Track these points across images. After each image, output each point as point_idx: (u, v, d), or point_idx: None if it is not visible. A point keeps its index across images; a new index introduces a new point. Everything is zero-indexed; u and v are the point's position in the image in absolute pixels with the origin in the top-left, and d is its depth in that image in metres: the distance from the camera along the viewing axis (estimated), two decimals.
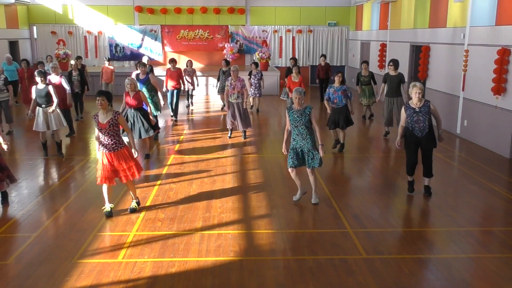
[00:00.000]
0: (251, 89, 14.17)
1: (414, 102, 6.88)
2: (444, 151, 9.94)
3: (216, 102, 16.37)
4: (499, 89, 9.37)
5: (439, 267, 5.02)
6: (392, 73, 10.61)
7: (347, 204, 6.84)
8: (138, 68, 10.54)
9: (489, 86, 9.69)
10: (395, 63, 10.61)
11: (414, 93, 6.84)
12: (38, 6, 20.15)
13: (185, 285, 4.66)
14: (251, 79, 14.16)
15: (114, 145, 6.13)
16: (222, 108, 14.91)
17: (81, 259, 5.15)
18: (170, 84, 12.93)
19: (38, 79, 8.99)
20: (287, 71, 14.03)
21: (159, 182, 7.81)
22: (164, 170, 8.46)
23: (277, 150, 9.69)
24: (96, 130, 6.16)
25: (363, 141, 11.20)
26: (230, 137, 10.90)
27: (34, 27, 20.49)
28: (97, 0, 20.14)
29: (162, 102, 10.31)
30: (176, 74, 12.98)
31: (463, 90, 11.04)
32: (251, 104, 14.56)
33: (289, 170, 6.73)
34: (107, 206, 6.33)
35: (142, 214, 6.43)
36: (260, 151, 9.91)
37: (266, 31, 20.97)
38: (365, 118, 13.51)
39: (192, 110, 15.13)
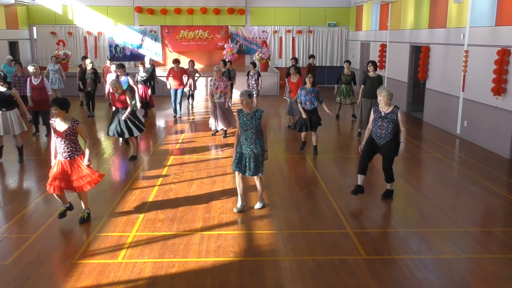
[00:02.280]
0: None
1: (382, 106, 6.71)
2: (444, 151, 9.95)
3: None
4: (499, 89, 9.38)
5: (439, 268, 5.02)
6: (371, 74, 10.61)
7: (347, 204, 6.83)
8: (117, 70, 10.78)
9: (489, 87, 9.70)
10: (374, 64, 10.65)
11: (379, 100, 6.71)
12: (38, 6, 20.15)
13: (185, 286, 4.66)
14: (249, 79, 14.25)
15: (70, 153, 5.94)
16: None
17: (81, 260, 5.15)
18: (173, 83, 13.17)
19: None
20: (288, 71, 14.04)
21: (159, 182, 7.81)
22: (164, 171, 8.46)
23: (277, 150, 9.69)
24: (53, 136, 5.97)
25: (357, 140, 11.18)
26: (225, 137, 10.98)
27: (34, 28, 20.49)
28: (97, 0, 20.14)
29: (138, 105, 10.39)
30: (180, 74, 13.23)
31: (463, 90, 11.04)
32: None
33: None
34: (64, 206, 6.18)
35: (142, 214, 6.43)
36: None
37: (266, 32, 20.98)
38: (339, 117, 13.47)
39: (192, 109, 15.18)
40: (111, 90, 8.94)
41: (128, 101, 8.87)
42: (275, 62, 21.04)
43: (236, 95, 16.89)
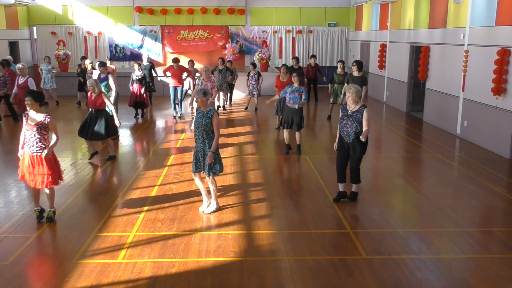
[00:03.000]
0: (249, 89, 14.40)
1: (349, 104, 6.59)
2: (444, 151, 9.95)
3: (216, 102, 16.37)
4: (499, 89, 9.37)
5: (439, 268, 5.02)
6: (355, 74, 10.60)
7: (347, 204, 6.83)
8: (98, 68, 10.77)
9: (489, 87, 9.69)
10: (358, 64, 10.67)
11: (346, 97, 6.57)
12: (38, 6, 20.15)
13: (185, 286, 4.66)
14: (249, 79, 14.29)
15: (38, 148, 5.92)
16: (217, 108, 14.98)
17: (81, 260, 5.15)
18: (172, 82, 13.17)
19: None
20: (291, 71, 14.07)
21: (159, 182, 7.81)
22: (164, 171, 8.46)
23: (277, 150, 9.69)
24: (23, 128, 5.97)
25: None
26: None
27: (34, 28, 20.48)
28: (97, 0, 20.13)
29: (112, 108, 10.23)
30: (179, 72, 13.22)
31: (463, 90, 11.04)
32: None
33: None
34: (36, 209, 6.18)
35: (142, 214, 6.43)
36: (260, 152, 9.90)
37: (266, 32, 20.97)
38: (331, 117, 13.36)
39: (192, 108, 15.17)
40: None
41: (107, 102, 8.78)
42: (275, 62, 21.02)
43: (236, 95, 16.94)
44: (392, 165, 9.09)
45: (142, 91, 13.05)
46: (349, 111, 6.56)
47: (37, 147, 5.94)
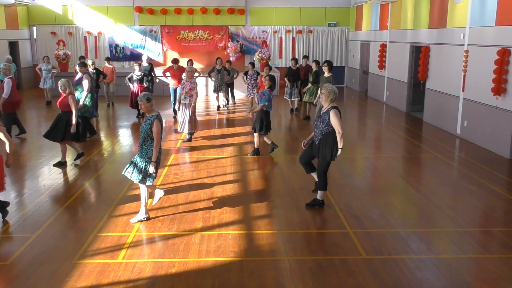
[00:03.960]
0: (248, 89, 14.40)
1: (322, 103, 6.42)
2: (444, 151, 9.95)
3: (216, 103, 16.37)
4: (499, 89, 9.38)
5: (439, 268, 5.02)
6: (326, 74, 10.69)
7: (347, 204, 6.83)
8: (79, 68, 10.70)
9: (489, 87, 9.70)
10: (329, 64, 10.77)
11: (322, 91, 6.37)
12: (38, 6, 20.16)
13: (185, 286, 4.66)
14: (248, 79, 14.29)
15: None
16: (218, 108, 15.01)
17: (81, 260, 5.15)
18: (172, 82, 13.20)
19: None
20: (288, 72, 14.11)
21: (159, 182, 7.80)
22: (164, 171, 8.46)
23: (276, 150, 9.68)
24: None
25: (357, 140, 11.20)
26: (188, 140, 10.60)
27: (34, 28, 20.49)
28: (97, 0, 20.14)
29: (81, 103, 10.04)
30: (179, 73, 13.23)
31: (463, 90, 11.04)
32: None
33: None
34: None
35: None
36: (259, 152, 9.89)
37: (266, 32, 20.97)
38: (309, 118, 13.28)
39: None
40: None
41: (71, 106, 8.44)
42: (275, 62, 21.03)
43: (236, 95, 16.93)
44: (392, 165, 9.08)
45: (142, 91, 13.06)
46: (321, 112, 6.41)
47: None
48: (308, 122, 12.90)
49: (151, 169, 5.96)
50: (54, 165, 8.63)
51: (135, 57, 20.28)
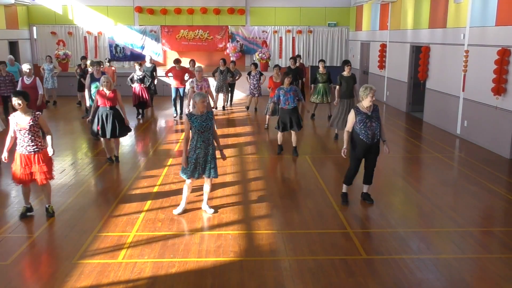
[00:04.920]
0: (250, 89, 14.44)
1: (365, 106, 6.36)
2: (444, 151, 9.95)
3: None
4: (499, 89, 9.37)
5: (439, 268, 5.02)
6: (346, 74, 10.52)
7: (347, 204, 6.83)
8: (92, 67, 10.75)
9: (489, 87, 9.69)
10: (349, 64, 10.58)
11: (369, 96, 6.27)
12: (38, 6, 20.15)
13: (185, 286, 4.66)
14: (250, 79, 14.32)
15: (34, 147, 6.00)
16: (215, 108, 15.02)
17: (81, 260, 5.15)
18: (175, 83, 13.22)
19: None
20: (287, 71, 14.08)
21: (159, 182, 7.80)
22: (164, 171, 8.46)
23: (277, 150, 9.68)
24: (11, 130, 6.01)
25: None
26: None
27: (34, 28, 20.49)
28: (97, 0, 20.14)
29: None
30: (181, 73, 13.26)
31: (463, 90, 11.04)
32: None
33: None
34: (25, 206, 6.30)
35: (142, 214, 6.43)
36: (260, 152, 9.90)
37: (266, 32, 20.97)
38: (314, 116, 13.45)
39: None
40: (100, 88, 8.60)
41: (120, 101, 8.69)
42: (275, 62, 21.01)
43: (236, 95, 16.93)
44: (392, 165, 9.09)
45: (144, 91, 13.10)
46: (368, 112, 6.38)
47: (33, 146, 6.00)
48: (310, 122, 12.89)
49: (224, 159, 6.39)
50: (108, 160, 8.84)
51: (135, 57, 20.29)
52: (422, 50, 13.13)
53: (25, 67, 10.68)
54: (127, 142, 10.95)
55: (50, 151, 6.13)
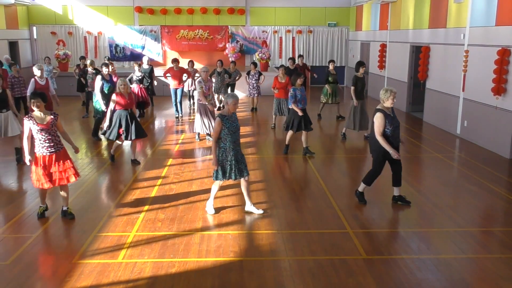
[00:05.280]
0: (249, 89, 14.44)
1: (387, 106, 6.37)
2: (444, 151, 9.95)
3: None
4: (499, 89, 9.37)
5: (439, 267, 5.02)
6: (360, 75, 10.52)
7: (347, 204, 6.83)
8: (102, 68, 10.68)
9: (489, 87, 9.70)
10: (363, 65, 10.56)
11: (391, 98, 6.29)
12: (38, 6, 20.15)
13: (185, 286, 4.66)
14: (249, 79, 14.32)
15: (55, 146, 6.01)
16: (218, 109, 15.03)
17: (81, 260, 5.15)
18: (173, 83, 13.23)
19: None
20: (287, 72, 14.08)
21: (159, 182, 7.81)
22: (164, 171, 8.46)
23: (277, 150, 9.69)
24: (27, 132, 5.95)
25: (357, 141, 11.19)
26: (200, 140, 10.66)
27: (34, 28, 20.49)
28: (97, 0, 20.14)
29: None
30: (179, 73, 13.27)
31: (463, 90, 11.04)
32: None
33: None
34: (41, 206, 6.33)
35: (142, 214, 6.43)
36: (260, 151, 9.90)
37: (266, 32, 20.98)
38: (320, 116, 13.54)
39: (194, 109, 15.19)
40: (117, 90, 8.65)
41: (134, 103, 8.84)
42: (275, 62, 21.04)
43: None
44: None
45: (143, 91, 13.09)
46: (391, 114, 6.41)
47: (53, 145, 6.01)
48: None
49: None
50: (132, 162, 8.86)
51: (135, 57, 20.30)
52: (422, 50, 13.13)
53: (38, 69, 10.59)
54: (127, 142, 10.93)
55: (75, 150, 6.33)
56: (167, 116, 14.07)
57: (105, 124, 8.84)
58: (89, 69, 13.39)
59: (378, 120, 6.33)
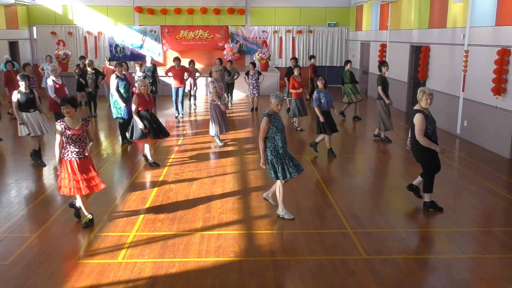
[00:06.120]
0: (249, 89, 14.43)
1: (424, 107, 6.28)
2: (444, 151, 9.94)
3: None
4: (499, 89, 9.37)
5: (439, 267, 5.02)
6: (385, 75, 10.49)
7: (347, 204, 6.83)
8: (116, 68, 10.66)
9: (489, 87, 9.69)
10: (387, 64, 10.49)
11: (427, 99, 6.20)
12: (38, 6, 20.16)
13: (185, 286, 4.66)
14: (249, 79, 14.32)
15: (84, 152, 5.90)
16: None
17: (81, 260, 5.15)
18: (174, 82, 13.23)
19: (21, 83, 8.41)
20: (288, 71, 14.09)
21: (159, 182, 7.80)
22: (164, 171, 8.46)
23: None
24: (59, 137, 5.82)
25: (357, 140, 11.19)
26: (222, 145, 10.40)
27: (34, 28, 20.50)
28: (97, 0, 20.14)
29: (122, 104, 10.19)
30: (181, 72, 13.26)
31: (463, 90, 11.04)
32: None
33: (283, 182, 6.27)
34: (88, 215, 6.06)
35: (142, 214, 6.43)
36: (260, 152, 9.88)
37: (266, 32, 20.98)
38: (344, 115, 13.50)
39: (195, 109, 15.21)
40: (138, 91, 8.57)
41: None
42: (275, 62, 21.04)
43: (236, 95, 16.94)
44: (392, 165, 9.08)
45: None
46: (429, 114, 6.34)
47: (83, 151, 5.90)
48: (310, 123, 12.88)
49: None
50: (151, 164, 8.69)
51: (135, 57, 20.31)
52: (422, 50, 13.13)
53: (52, 69, 10.26)
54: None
55: (91, 153, 6.20)
56: (168, 116, 14.06)
57: (140, 125, 8.49)
58: (88, 69, 13.40)
59: (419, 121, 6.20)
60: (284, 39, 21.15)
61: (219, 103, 9.83)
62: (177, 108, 13.58)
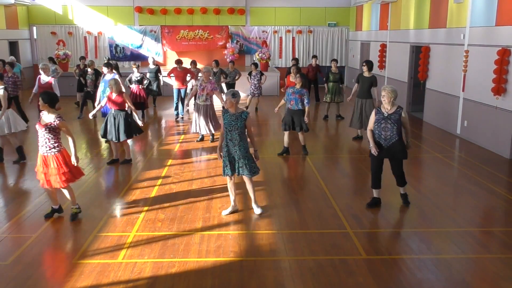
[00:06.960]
0: (251, 89, 14.44)
1: (385, 107, 6.36)
2: (444, 151, 9.95)
3: (217, 103, 16.35)
4: (499, 89, 9.37)
5: (439, 267, 5.02)
6: (366, 74, 10.57)
7: (347, 204, 6.83)
8: (105, 69, 10.78)
9: (489, 87, 9.70)
10: (369, 64, 10.57)
11: (382, 97, 6.33)
12: (38, 6, 20.16)
13: (185, 286, 4.66)
14: (251, 79, 14.34)
15: (47, 148, 5.94)
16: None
17: (81, 260, 5.15)
18: (176, 84, 13.28)
19: None
20: (288, 71, 14.10)
21: (159, 182, 7.80)
22: (164, 171, 8.46)
23: (277, 150, 9.68)
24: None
25: (357, 140, 11.18)
26: (212, 140, 10.56)
27: (34, 28, 20.49)
28: (97, 0, 20.15)
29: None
30: (183, 74, 13.31)
31: (463, 90, 11.04)
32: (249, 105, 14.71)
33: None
34: (54, 207, 6.25)
35: (142, 214, 6.43)
36: (259, 151, 9.88)
37: (266, 32, 20.98)
38: (327, 117, 13.47)
39: (188, 110, 15.19)
40: (110, 90, 8.65)
41: (129, 102, 8.75)
42: (275, 62, 21.04)
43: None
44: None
45: (142, 92, 13.06)
46: (385, 113, 6.35)
47: (47, 147, 5.95)
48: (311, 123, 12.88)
49: (257, 159, 6.40)
50: (123, 163, 8.77)
51: (135, 57, 20.31)
52: (422, 50, 13.13)
53: (41, 66, 10.56)
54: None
55: (73, 160, 6.08)
56: (168, 117, 14.07)
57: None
58: (89, 69, 13.40)
59: (370, 117, 6.56)
60: (284, 39, 21.15)
61: (188, 100, 10.47)
62: (177, 109, 13.59)
